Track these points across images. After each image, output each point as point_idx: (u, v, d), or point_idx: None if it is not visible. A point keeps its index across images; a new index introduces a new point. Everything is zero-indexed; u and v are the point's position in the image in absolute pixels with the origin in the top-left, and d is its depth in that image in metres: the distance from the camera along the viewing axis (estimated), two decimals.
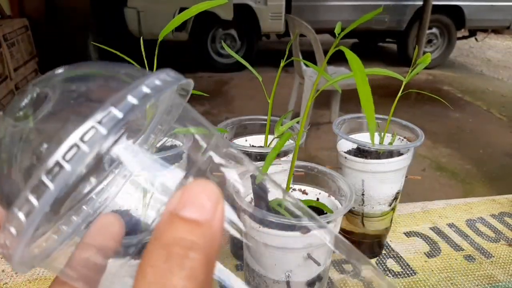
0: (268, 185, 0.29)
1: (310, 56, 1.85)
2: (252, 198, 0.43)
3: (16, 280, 0.56)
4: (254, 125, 0.62)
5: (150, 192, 0.24)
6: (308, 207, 0.44)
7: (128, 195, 0.28)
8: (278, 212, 0.37)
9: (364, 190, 0.57)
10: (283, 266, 0.41)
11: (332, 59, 0.41)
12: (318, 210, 0.46)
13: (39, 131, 0.18)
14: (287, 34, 4.30)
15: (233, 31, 4.25)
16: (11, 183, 0.18)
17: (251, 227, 0.41)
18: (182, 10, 0.74)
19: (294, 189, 0.50)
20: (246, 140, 0.62)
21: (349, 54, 0.31)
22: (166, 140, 0.44)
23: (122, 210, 0.30)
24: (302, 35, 2.76)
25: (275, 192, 0.31)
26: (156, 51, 0.39)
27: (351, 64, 0.30)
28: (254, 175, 0.44)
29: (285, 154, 0.56)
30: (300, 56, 2.69)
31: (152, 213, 0.31)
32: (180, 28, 3.93)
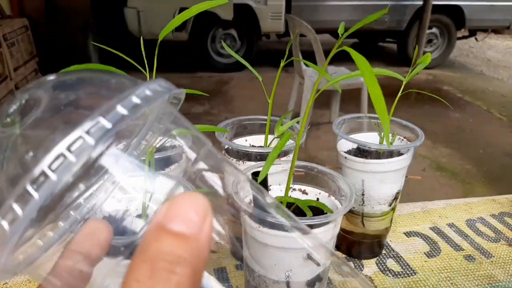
0: (253, 190, 0.30)
1: (310, 56, 1.84)
2: (252, 199, 0.43)
3: (16, 280, 0.56)
4: (254, 125, 0.62)
5: (138, 200, 0.24)
6: (308, 207, 0.44)
7: (116, 202, 0.28)
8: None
9: (364, 190, 0.57)
10: (283, 266, 0.41)
11: (332, 59, 0.41)
12: (318, 210, 0.46)
13: (26, 138, 0.18)
14: (287, 34, 4.30)
15: (233, 31, 4.25)
16: None
17: (251, 227, 0.41)
18: (182, 10, 0.74)
19: (294, 189, 0.50)
20: (246, 140, 0.62)
21: (354, 55, 0.31)
22: (166, 140, 0.44)
23: (111, 216, 0.30)
24: (302, 35, 2.76)
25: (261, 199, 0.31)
26: (156, 51, 0.39)
27: (358, 65, 0.30)
28: (255, 174, 0.44)
29: (285, 154, 0.56)
30: (300, 56, 2.69)
31: (140, 220, 0.31)
32: (180, 28, 3.92)
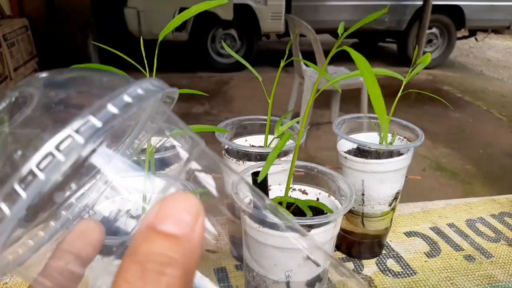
0: (245, 190, 0.29)
1: (310, 56, 1.84)
2: (251, 199, 0.43)
3: (16, 280, 0.56)
4: (254, 125, 0.62)
5: (130, 199, 0.24)
6: (308, 207, 0.44)
7: (108, 202, 0.28)
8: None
9: (364, 190, 0.57)
10: (283, 266, 0.41)
11: (332, 59, 0.41)
12: (318, 210, 0.46)
13: (15, 137, 0.17)
14: (287, 34, 4.30)
15: (233, 31, 4.25)
16: None
17: (251, 228, 0.41)
18: (182, 10, 0.74)
19: (294, 189, 0.50)
20: (246, 140, 0.62)
21: (354, 55, 0.30)
22: (166, 140, 0.44)
23: (104, 216, 0.30)
24: (302, 35, 2.76)
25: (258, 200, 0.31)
26: (156, 51, 0.39)
27: (358, 65, 0.30)
28: (255, 174, 0.44)
29: (285, 154, 0.56)
30: (300, 56, 2.69)
31: (134, 221, 0.31)
32: (180, 28, 3.92)
